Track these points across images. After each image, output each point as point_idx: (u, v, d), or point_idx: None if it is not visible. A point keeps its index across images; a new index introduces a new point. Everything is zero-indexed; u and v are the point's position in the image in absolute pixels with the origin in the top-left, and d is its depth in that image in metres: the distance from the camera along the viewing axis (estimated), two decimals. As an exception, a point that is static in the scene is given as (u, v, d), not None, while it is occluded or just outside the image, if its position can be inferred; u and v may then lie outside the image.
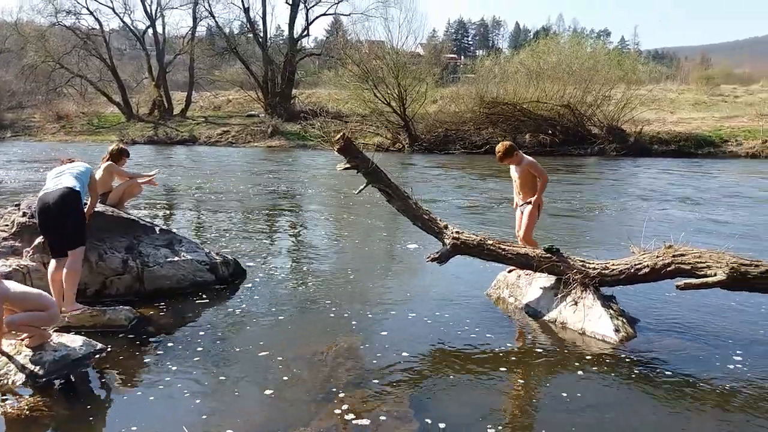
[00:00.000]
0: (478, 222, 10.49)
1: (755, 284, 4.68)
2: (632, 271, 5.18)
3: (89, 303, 5.28)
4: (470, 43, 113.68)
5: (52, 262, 5.10)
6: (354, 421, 3.59)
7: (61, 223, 5.04)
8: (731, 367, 4.45)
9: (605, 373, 4.35)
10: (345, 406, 3.76)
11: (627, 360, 4.58)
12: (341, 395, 3.92)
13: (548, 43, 34.04)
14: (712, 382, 4.19)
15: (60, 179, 5.17)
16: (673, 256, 4.99)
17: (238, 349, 4.69)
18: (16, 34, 45.30)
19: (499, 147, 6.20)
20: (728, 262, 4.66)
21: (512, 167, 6.29)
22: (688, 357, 4.65)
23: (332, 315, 5.55)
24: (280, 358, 4.50)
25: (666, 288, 5.64)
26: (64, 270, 5.03)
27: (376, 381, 4.18)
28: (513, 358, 4.67)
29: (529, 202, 6.12)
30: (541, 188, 6.13)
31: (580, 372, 4.38)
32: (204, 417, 3.66)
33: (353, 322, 5.34)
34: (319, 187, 16.69)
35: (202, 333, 5.06)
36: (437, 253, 5.61)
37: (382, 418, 3.65)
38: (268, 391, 3.97)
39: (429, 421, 3.62)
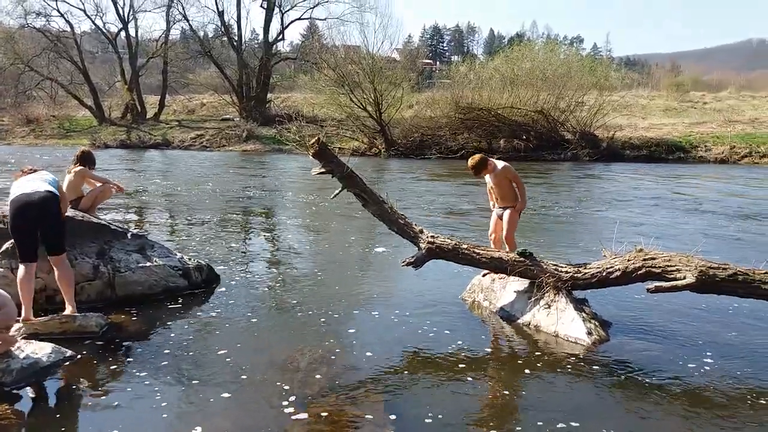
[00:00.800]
0: (452, 226, 10.54)
1: (723, 287, 4.77)
2: (604, 274, 5.25)
3: (59, 309, 5.18)
4: (445, 48, 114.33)
5: (21, 268, 4.94)
6: (327, 428, 3.58)
7: (43, 225, 4.97)
8: (702, 368, 4.53)
9: (578, 376, 4.40)
10: (318, 412, 3.75)
11: (599, 362, 4.64)
12: (314, 400, 3.90)
13: (522, 49, 34.37)
14: (683, 384, 4.26)
15: (34, 184, 5.05)
16: (644, 259, 5.07)
17: (210, 355, 4.64)
18: (-16, 37, 44.34)
19: (471, 162, 6.15)
20: (697, 265, 4.75)
21: (487, 176, 6.28)
22: (659, 359, 4.72)
23: (305, 320, 5.52)
24: (253, 364, 4.46)
25: (637, 291, 5.74)
26: (58, 274, 5.02)
27: (349, 385, 4.17)
28: (487, 361, 4.70)
29: (510, 207, 6.13)
30: (522, 194, 6.17)
31: (552, 375, 4.43)
32: (175, 424, 3.62)
33: (327, 327, 5.33)
34: (293, 191, 16.62)
35: (173, 339, 5.00)
36: (412, 257, 5.63)
37: (356, 423, 3.65)
38: (240, 397, 3.94)
39: (402, 424, 3.62)
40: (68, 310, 5.06)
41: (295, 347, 4.82)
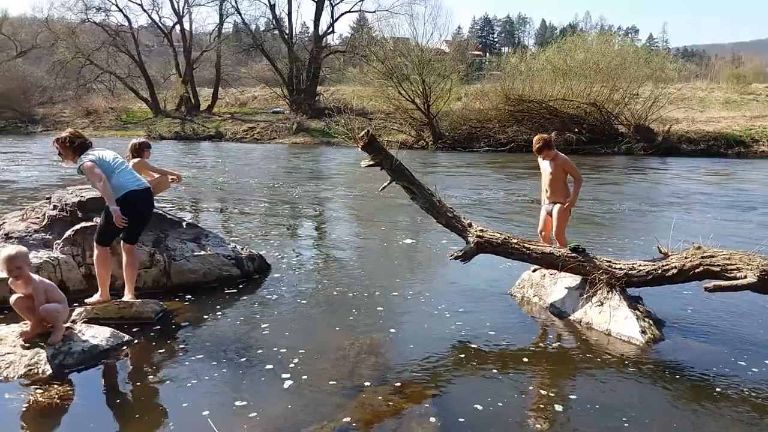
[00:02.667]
0: (502, 220, 10.43)
1: (787, 287, 4.57)
2: (660, 272, 5.10)
3: (117, 296, 5.36)
4: (495, 40, 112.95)
5: (105, 252, 5.11)
6: (376, 417, 3.61)
7: (147, 217, 5.28)
8: (761, 371, 4.36)
9: (630, 375, 4.30)
10: (367, 401, 3.78)
11: (653, 362, 4.52)
12: (364, 390, 3.93)
13: (575, 40, 33.67)
14: (740, 387, 4.11)
15: (136, 174, 5.29)
16: (702, 257, 4.90)
17: (262, 343, 4.73)
18: (47, 31, 46.25)
19: (537, 138, 6.06)
20: (759, 264, 4.56)
21: (545, 162, 6.15)
22: (716, 361, 4.57)
23: (355, 310, 5.57)
24: (304, 353, 4.53)
25: (694, 290, 5.56)
26: (129, 261, 5.21)
27: (398, 377, 4.19)
28: (536, 358, 4.64)
29: (559, 202, 6.03)
30: (576, 190, 6.07)
31: (604, 373, 4.34)
32: (228, 409, 3.70)
33: (376, 318, 5.36)
34: (341, 183, 16.74)
35: (226, 326, 5.12)
36: (461, 251, 5.59)
37: (404, 413, 3.66)
38: (291, 385, 4.00)
39: (451, 418, 3.62)
40: (127, 296, 5.24)
41: (344, 337, 4.86)
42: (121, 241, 5.21)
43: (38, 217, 6.14)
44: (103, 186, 4.92)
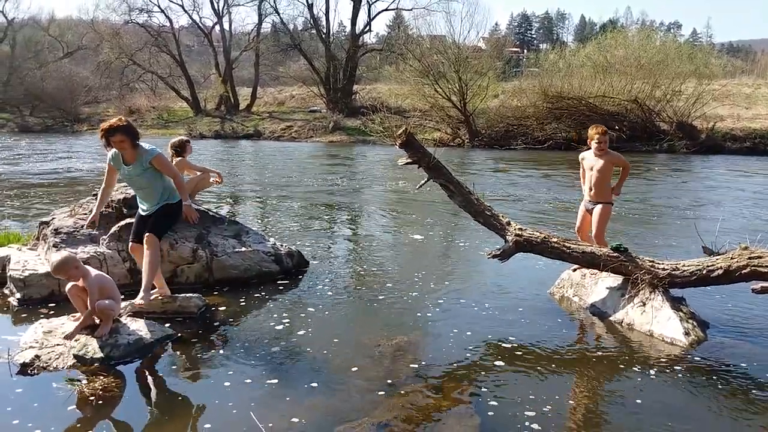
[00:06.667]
0: (539, 219, 10.32)
1: (840, 290, 4.42)
2: (704, 272, 4.98)
3: (135, 292, 5.42)
4: (533, 36, 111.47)
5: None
6: (414, 414, 3.61)
7: None
8: (811, 376, 4.23)
9: (672, 378, 4.22)
10: (405, 399, 3.79)
11: (696, 365, 4.42)
12: (401, 388, 3.95)
13: (616, 36, 33.03)
14: (789, 391, 4.00)
15: None
16: (749, 258, 4.77)
17: (300, 339, 4.78)
18: (92, 32, 47.54)
19: (603, 129, 5.92)
20: (810, 265, 4.43)
21: (590, 159, 5.93)
22: (762, 363, 4.44)
23: (393, 308, 5.59)
24: (340, 348, 4.57)
25: (741, 291, 5.42)
26: (156, 254, 5.15)
27: (436, 375, 4.19)
28: (576, 358, 4.59)
29: (602, 202, 5.89)
30: (624, 176, 5.93)
31: (645, 375, 4.26)
32: (269, 403, 3.76)
33: (414, 316, 5.37)
34: (376, 181, 16.77)
35: (265, 321, 5.20)
36: (499, 249, 5.55)
37: (442, 412, 3.66)
38: (330, 381, 4.04)
39: (489, 418, 3.60)
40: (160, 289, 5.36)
41: (381, 334, 4.88)
42: (147, 234, 5.06)
43: (85, 213, 6.31)
44: (180, 179, 5.16)
